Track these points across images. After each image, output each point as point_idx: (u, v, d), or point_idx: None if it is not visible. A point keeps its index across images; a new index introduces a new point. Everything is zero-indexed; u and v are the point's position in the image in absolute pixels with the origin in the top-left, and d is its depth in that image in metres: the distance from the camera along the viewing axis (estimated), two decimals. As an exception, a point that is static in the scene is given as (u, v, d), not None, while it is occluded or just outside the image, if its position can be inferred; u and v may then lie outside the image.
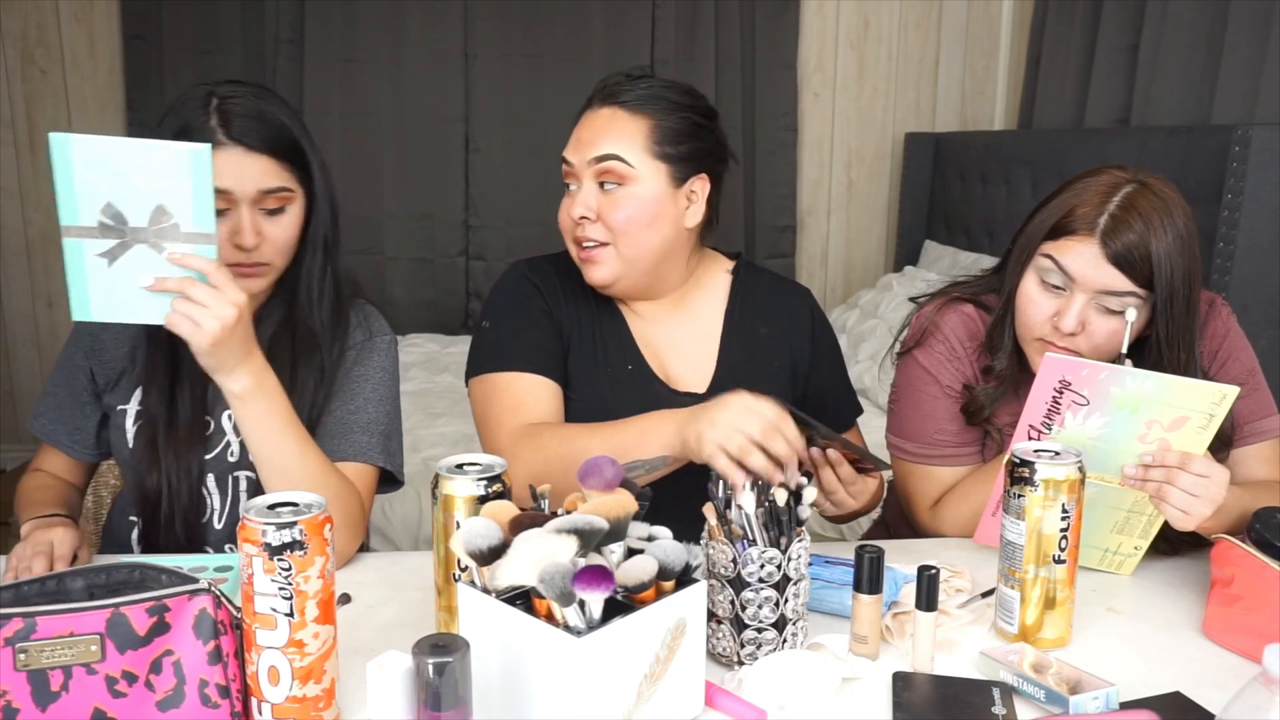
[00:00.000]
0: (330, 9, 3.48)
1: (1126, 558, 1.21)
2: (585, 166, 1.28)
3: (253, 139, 1.18)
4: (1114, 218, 1.17)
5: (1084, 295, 1.20)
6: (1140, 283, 1.17)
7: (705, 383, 1.36)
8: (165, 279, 1.05)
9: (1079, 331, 1.21)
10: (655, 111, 1.28)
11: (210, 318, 1.05)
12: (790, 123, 3.76)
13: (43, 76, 3.52)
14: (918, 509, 1.38)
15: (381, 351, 1.33)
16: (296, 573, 0.80)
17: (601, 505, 0.86)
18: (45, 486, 1.32)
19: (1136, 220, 1.16)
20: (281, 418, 1.15)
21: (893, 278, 3.46)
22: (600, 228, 1.28)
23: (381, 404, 1.30)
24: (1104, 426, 1.12)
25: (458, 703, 0.77)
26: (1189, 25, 2.64)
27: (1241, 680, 0.75)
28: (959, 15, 3.81)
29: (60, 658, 0.80)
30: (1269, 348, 1.78)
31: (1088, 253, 1.18)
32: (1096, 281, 1.18)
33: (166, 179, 1.02)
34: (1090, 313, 1.20)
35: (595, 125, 1.29)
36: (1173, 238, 1.16)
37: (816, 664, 0.95)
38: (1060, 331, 1.21)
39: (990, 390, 1.32)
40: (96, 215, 1.02)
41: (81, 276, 1.04)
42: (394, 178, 3.61)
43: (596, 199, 1.28)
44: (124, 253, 1.04)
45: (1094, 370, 1.11)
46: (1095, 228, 1.17)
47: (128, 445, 1.26)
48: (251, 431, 1.14)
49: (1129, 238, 1.16)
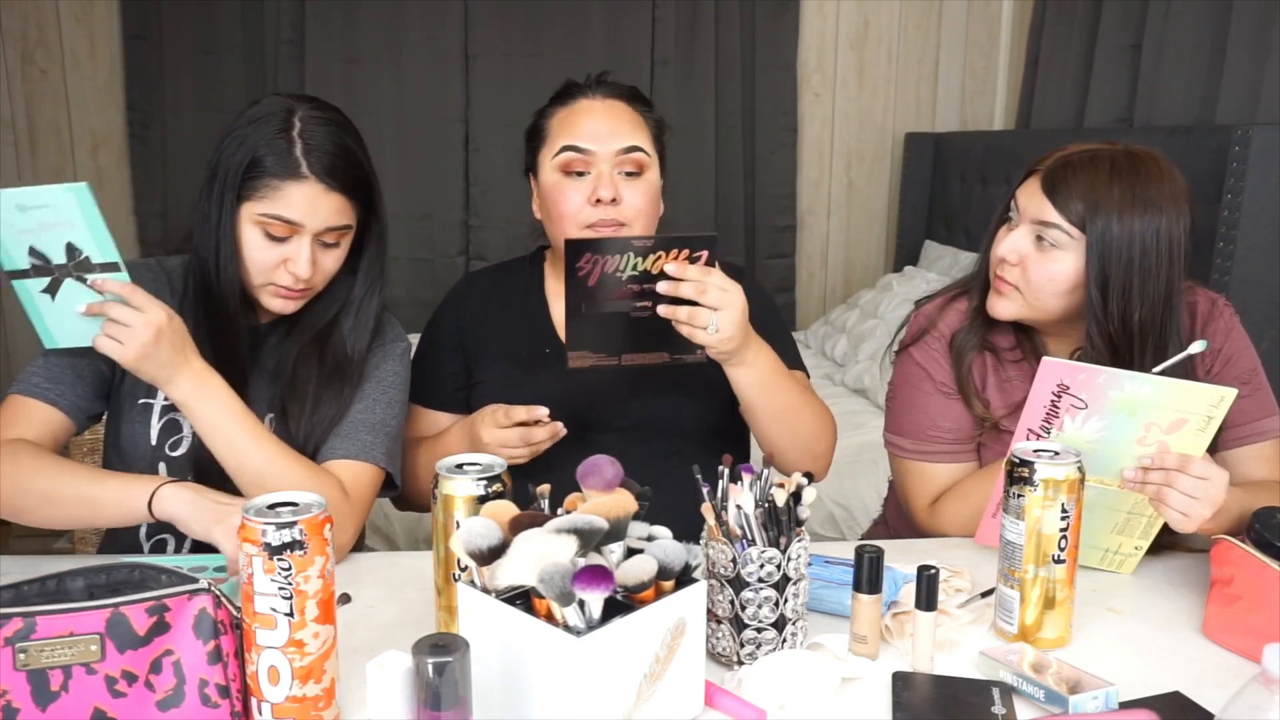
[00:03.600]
0: (330, 9, 3.48)
1: (1127, 557, 1.21)
2: (609, 156, 1.33)
3: (335, 179, 1.20)
4: (1063, 158, 1.25)
5: (1025, 225, 1.27)
6: (1072, 220, 1.22)
7: None
8: (93, 304, 1.12)
9: (1016, 263, 1.27)
10: (647, 109, 1.40)
11: (132, 336, 1.10)
12: (790, 123, 3.76)
13: (43, 76, 3.52)
14: (915, 507, 1.38)
15: (396, 357, 1.35)
16: (296, 572, 0.80)
17: (601, 505, 0.86)
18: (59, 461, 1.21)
19: (1087, 165, 1.23)
20: (234, 418, 1.17)
21: (893, 278, 3.46)
22: (624, 209, 1.34)
23: (389, 407, 1.31)
24: (1102, 430, 1.12)
25: (458, 703, 0.77)
26: (1190, 25, 2.63)
27: (1241, 680, 0.75)
28: (959, 15, 3.81)
29: (60, 657, 0.80)
30: (1270, 349, 1.78)
31: (1031, 185, 1.26)
32: (1029, 210, 1.26)
33: (63, 218, 1.09)
34: (1028, 245, 1.26)
35: (609, 117, 1.35)
36: (1125, 194, 1.20)
37: (816, 664, 0.95)
38: (1006, 262, 1.28)
39: (971, 338, 1.35)
40: (26, 258, 1.11)
41: (37, 312, 1.14)
42: (394, 178, 3.60)
43: (618, 182, 1.34)
44: (59, 287, 1.12)
45: (1092, 374, 1.11)
46: (1043, 164, 1.26)
47: (150, 441, 1.26)
48: (208, 436, 1.17)
49: (1067, 174, 1.23)
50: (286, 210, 1.18)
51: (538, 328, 1.45)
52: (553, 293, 1.47)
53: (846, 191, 3.92)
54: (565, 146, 1.34)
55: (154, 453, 1.26)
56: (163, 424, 1.26)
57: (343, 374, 1.29)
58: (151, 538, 1.29)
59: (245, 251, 1.21)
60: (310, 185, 1.18)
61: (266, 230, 1.19)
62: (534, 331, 1.45)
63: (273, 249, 1.20)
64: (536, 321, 1.46)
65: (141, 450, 1.26)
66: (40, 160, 3.56)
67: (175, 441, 1.26)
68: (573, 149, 1.34)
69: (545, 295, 1.48)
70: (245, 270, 1.22)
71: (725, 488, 0.98)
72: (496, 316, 1.47)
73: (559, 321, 1.45)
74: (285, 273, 1.21)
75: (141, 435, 1.26)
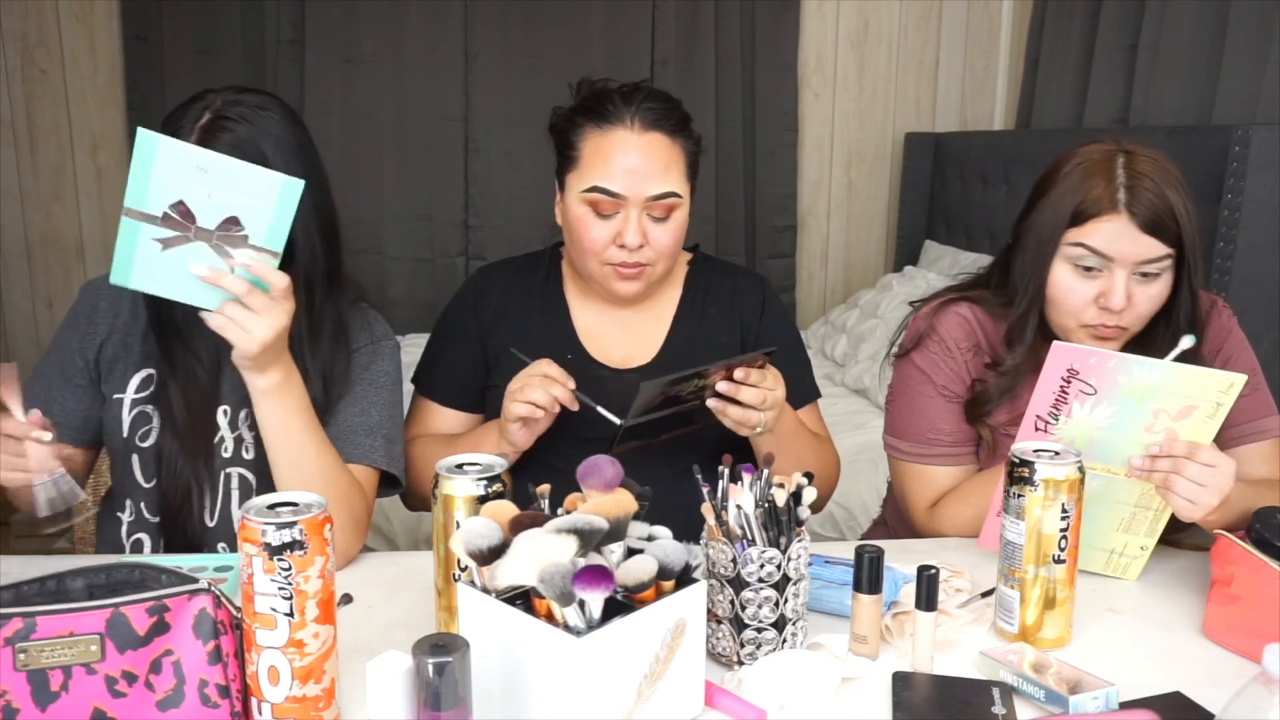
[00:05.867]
0: (330, 9, 3.47)
1: (1133, 560, 1.20)
2: (640, 201, 1.30)
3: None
4: (1130, 189, 1.20)
5: (1124, 270, 1.21)
6: (1171, 242, 1.20)
7: (651, 358, 1.42)
8: (223, 276, 1.08)
9: (1128, 306, 1.22)
10: (685, 136, 1.36)
11: (265, 326, 1.09)
12: (790, 123, 3.76)
13: (43, 76, 3.51)
14: (914, 510, 1.38)
15: (386, 356, 1.34)
16: (296, 572, 0.80)
17: (601, 505, 0.86)
18: None
19: (1149, 183, 1.19)
20: (305, 415, 1.18)
21: (893, 278, 3.46)
22: (648, 252, 1.32)
23: (385, 408, 1.31)
24: (1111, 416, 1.12)
25: (458, 703, 0.77)
26: (1189, 25, 2.63)
27: (1241, 680, 0.75)
28: (959, 15, 3.81)
29: (60, 658, 0.80)
30: (1270, 348, 1.78)
31: (1119, 228, 1.20)
32: (1134, 254, 1.20)
33: (252, 197, 1.07)
34: (1132, 285, 1.22)
35: (646, 156, 1.30)
36: (1179, 189, 1.20)
37: (816, 664, 0.95)
38: (1111, 310, 1.22)
39: (1000, 384, 1.32)
40: (163, 207, 1.06)
41: (130, 251, 1.07)
42: (394, 178, 3.61)
43: (646, 226, 1.32)
44: (181, 244, 1.08)
45: (1102, 359, 1.10)
46: (1118, 203, 1.20)
47: (122, 434, 1.27)
48: (275, 427, 1.17)
49: (1150, 200, 1.19)
50: None
51: (558, 332, 1.43)
52: (572, 295, 1.46)
53: (846, 191, 3.91)
54: (595, 187, 1.30)
55: (125, 445, 1.27)
56: (133, 416, 1.27)
57: (316, 353, 1.26)
58: (130, 536, 1.30)
59: None
60: None
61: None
62: (554, 336, 1.43)
63: None
64: (556, 326, 1.44)
65: (115, 443, 1.28)
66: (40, 160, 3.56)
67: (145, 433, 1.27)
68: (603, 191, 1.29)
69: (565, 297, 1.46)
70: None
71: (725, 488, 0.98)
72: (515, 318, 1.44)
73: (579, 326, 1.44)
74: None
75: (114, 429, 1.27)
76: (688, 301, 1.46)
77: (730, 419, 1.21)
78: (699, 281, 1.48)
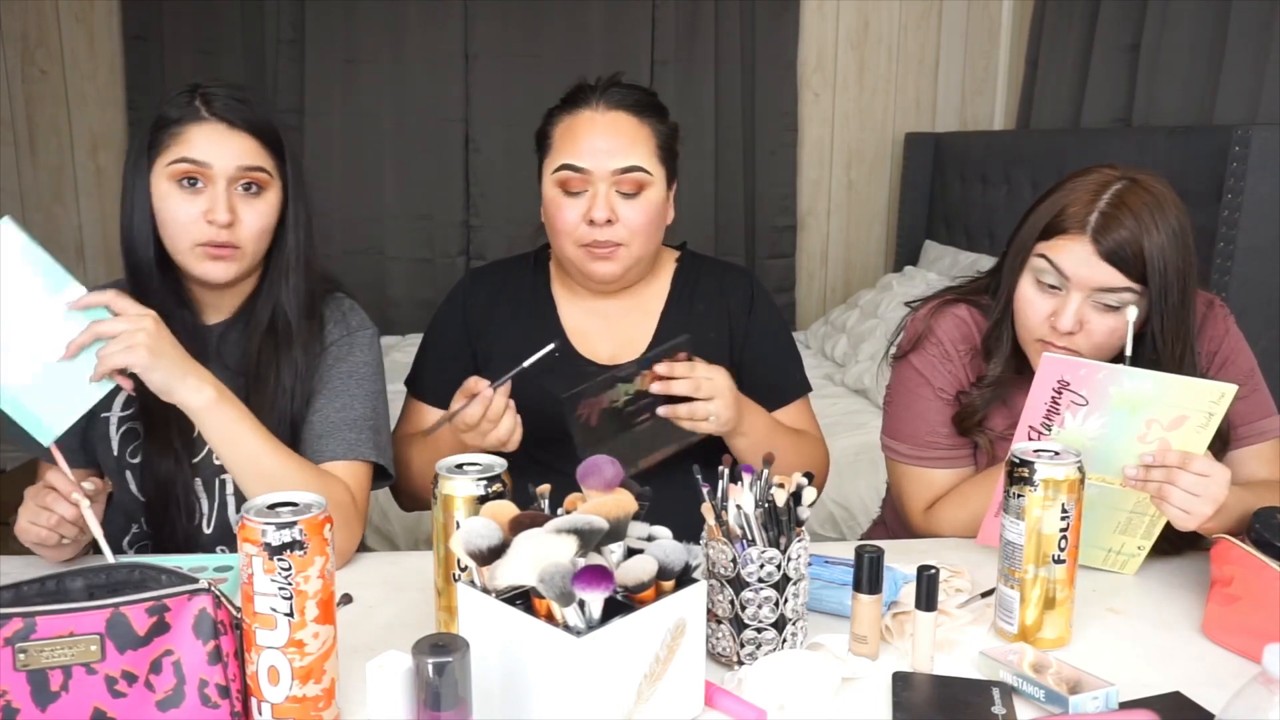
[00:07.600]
0: (330, 9, 3.48)
1: (1130, 557, 1.21)
2: (606, 175, 1.31)
3: (234, 115, 1.19)
4: (1104, 215, 1.17)
5: (1080, 294, 1.19)
6: (1134, 278, 1.17)
7: (639, 354, 1.41)
8: (72, 341, 1.06)
9: (1077, 330, 1.20)
10: (655, 119, 1.37)
11: (139, 335, 1.07)
12: (790, 123, 3.76)
13: (43, 76, 3.52)
14: (911, 511, 1.38)
15: (363, 346, 1.32)
16: (296, 573, 0.80)
17: (601, 505, 0.86)
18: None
19: (1127, 216, 1.16)
20: (249, 423, 1.15)
21: (893, 278, 3.46)
22: (619, 229, 1.33)
23: (368, 399, 1.29)
24: (1103, 427, 1.12)
25: (458, 703, 0.77)
26: (1189, 25, 2.63)
27: (1241, 680, 0.75)
28: (959, 15, 3.81)
29: (60, 658, 0.80)
30: (1270, 348, 1.78)
31: (1081, 251, 1.18)
32: (1090, 279, 1.18)
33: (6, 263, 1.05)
34: (1088, 311, 1.20)
35: (609, 132, 1.32)
36: (1165, 233, 1.16)
37: (816, 664, 0.95)
38: (1058, 331, 1.21)
39: (984, 395, 1.31)
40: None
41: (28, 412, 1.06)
42: (394, 178, 3.61)
43: (615, 202, 1.32)
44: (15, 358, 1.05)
45: (1092, 370, 1.11)
46: (1086, 225, 1.17)
47: (113, 453, 1.26)
48: (224, 441, 1.14)
49: (1120, 234, 1.16)
50: (191, 150, 1.17)
51: (545, 329, 1.44)
52: (560, 294, 1.47)
53: (846, 191, 3.91)
54: (562, 165, 1.33)
55: (118, 463, 1.26)
56: (121, 433, 1.26)
57: (289, 343, 1.26)
58: (133, 546, 1.29)
59: (167, 213, 1.19)
60: (211, 125, 1.18)
61: (179, 179, 1.18)
62: (542, 333, 1.43)
63: (189, 201, 1.18)
64: (545, 325, 1.45)
65: (108, 462, 1.27)
66: (40, 160, 3.56)
67: (135, 449, 1.26)
68: (569, 168, 1.32)
69: (553, 297, 1.47)
70: (171, 236, 1.20)
71: (725, 488, 0.98)
72: (504, 319, 1.46)
73: (567, 323, 1.45)
74: (206, 225, 1.18)
75: (104, 450, 1.26)
76: (675, 298, 1.47)
77: (684, 420, 1.24)
78: (687, 278, 1.48)
